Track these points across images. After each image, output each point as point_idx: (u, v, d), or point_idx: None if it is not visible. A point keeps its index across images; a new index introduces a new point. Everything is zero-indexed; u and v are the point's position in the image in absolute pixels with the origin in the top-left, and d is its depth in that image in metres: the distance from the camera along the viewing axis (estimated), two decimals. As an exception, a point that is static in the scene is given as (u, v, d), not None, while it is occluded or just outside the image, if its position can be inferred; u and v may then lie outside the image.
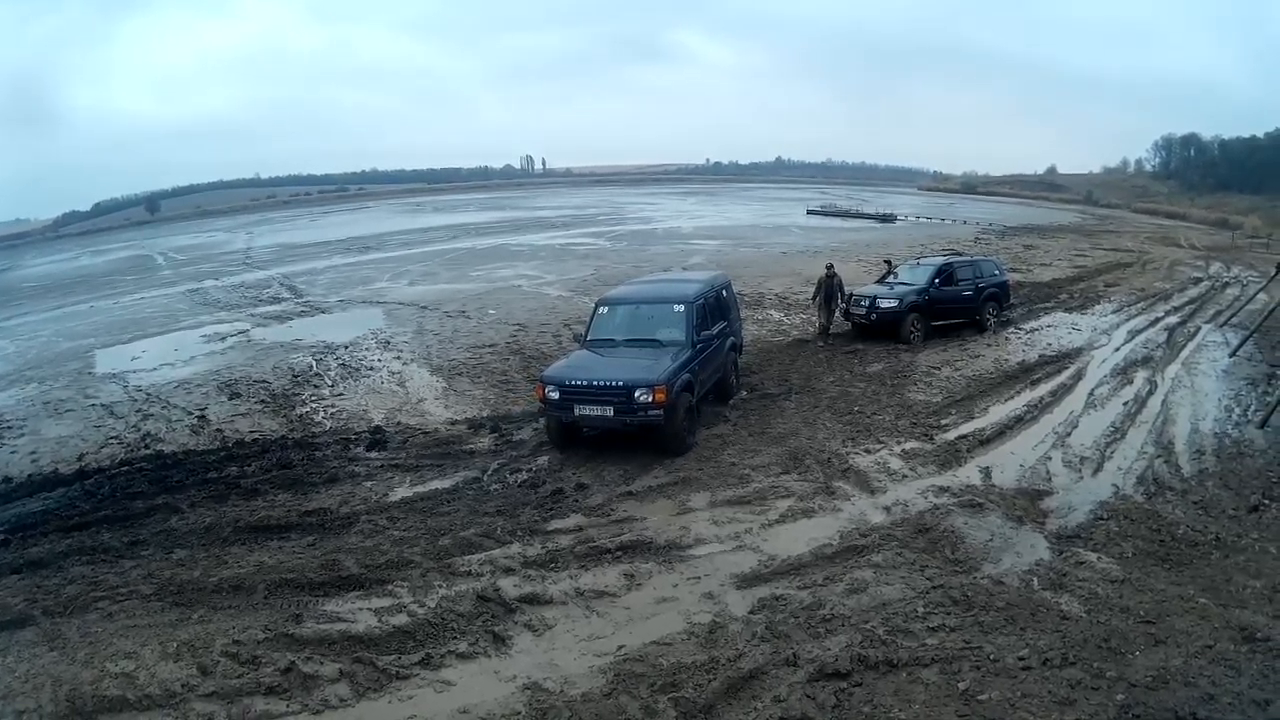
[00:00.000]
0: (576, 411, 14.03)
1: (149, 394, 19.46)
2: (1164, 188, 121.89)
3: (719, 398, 17.23)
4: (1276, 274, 25.68)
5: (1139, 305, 29.07)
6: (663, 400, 13.58)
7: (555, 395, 14.10)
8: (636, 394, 13.60)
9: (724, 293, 18.27)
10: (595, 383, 13.94)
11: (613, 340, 15.90)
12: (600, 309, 16.83)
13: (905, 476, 13.15)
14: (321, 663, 8.20)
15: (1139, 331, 24.18)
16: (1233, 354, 21.07)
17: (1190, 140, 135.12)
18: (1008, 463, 13.65)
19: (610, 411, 13.82)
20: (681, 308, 15.87)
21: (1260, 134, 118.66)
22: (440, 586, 9.75)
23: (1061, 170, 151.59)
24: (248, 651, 8.35)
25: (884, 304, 23.32)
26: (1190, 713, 6.90)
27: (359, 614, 9.18)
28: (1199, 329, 24.71)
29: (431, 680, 7.97)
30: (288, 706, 7.58)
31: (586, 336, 16.45)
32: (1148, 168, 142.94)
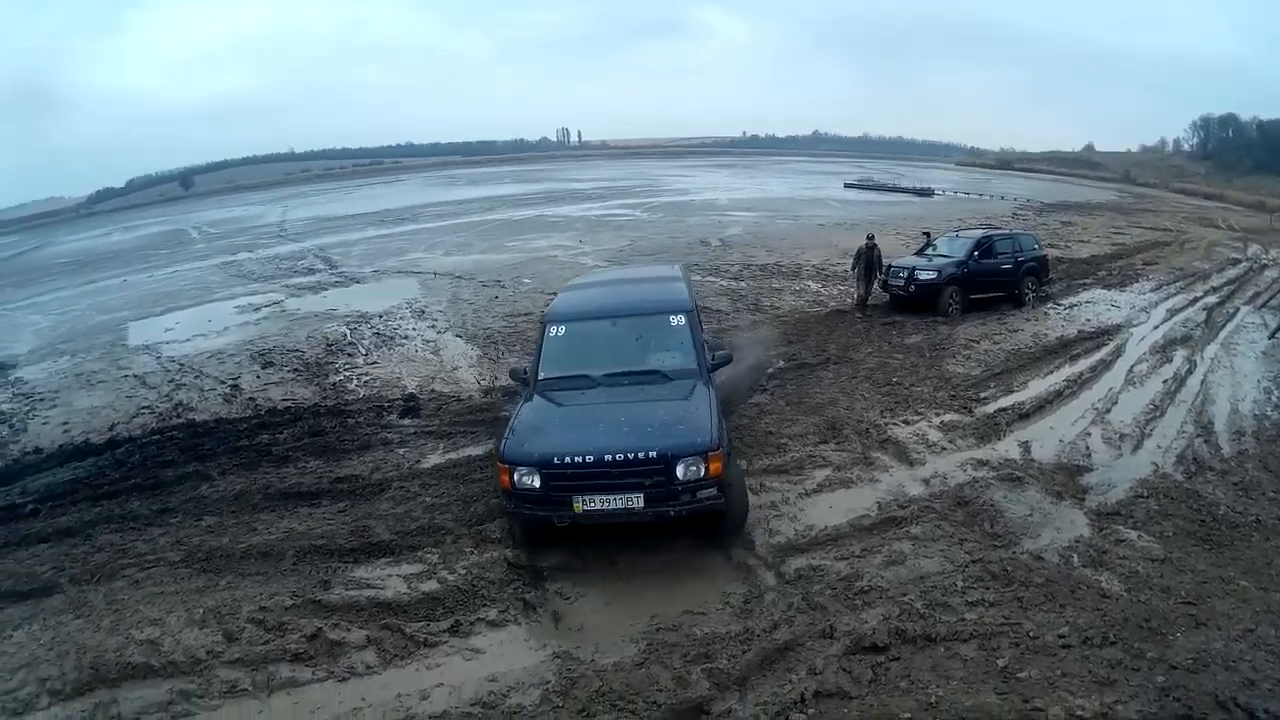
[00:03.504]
0: (579, 507, 8.86)
1: (181, 364, 19.52)
2: (1201, 168, 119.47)
3: None
4: (1314, 256, 25.11)
5: (1177, 284, 28.47)
6: (719, 472, 8.95)
7: (534, 483, 8.92)
8: (680, 468, 8.82)
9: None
10: (607, 457, 8.81)
11: (588, 377, 10.49)
12: (553, 329, 11.18)
13: (944, 449, 12.92)
14: (349, 629, 8.14)
15: (1178, 310, 23.68)
16: (1272, 336, 20.60)
17: (1228, 121, 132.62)
18: (1047, 438, 13.39)
19: (638, 501, 8.84)
20: (683, 320, 11.09)
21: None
22: (471, 553, 9.66)
23: (1099, 148, 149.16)
24: (274, 618, 8.29)
25: (922, 275, 23.01)
26: (1231, 697, 6.68)
27: (388, 580, 9.13)
28: (1238, 310, 24.19)
29: (460, 648, 7.89)
30: (313, 674, 7.53)
31: (539, 374, 10.79)
32: (1185, 147, 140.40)
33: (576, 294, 13.08)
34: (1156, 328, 21.48)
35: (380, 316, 23.33)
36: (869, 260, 23.70)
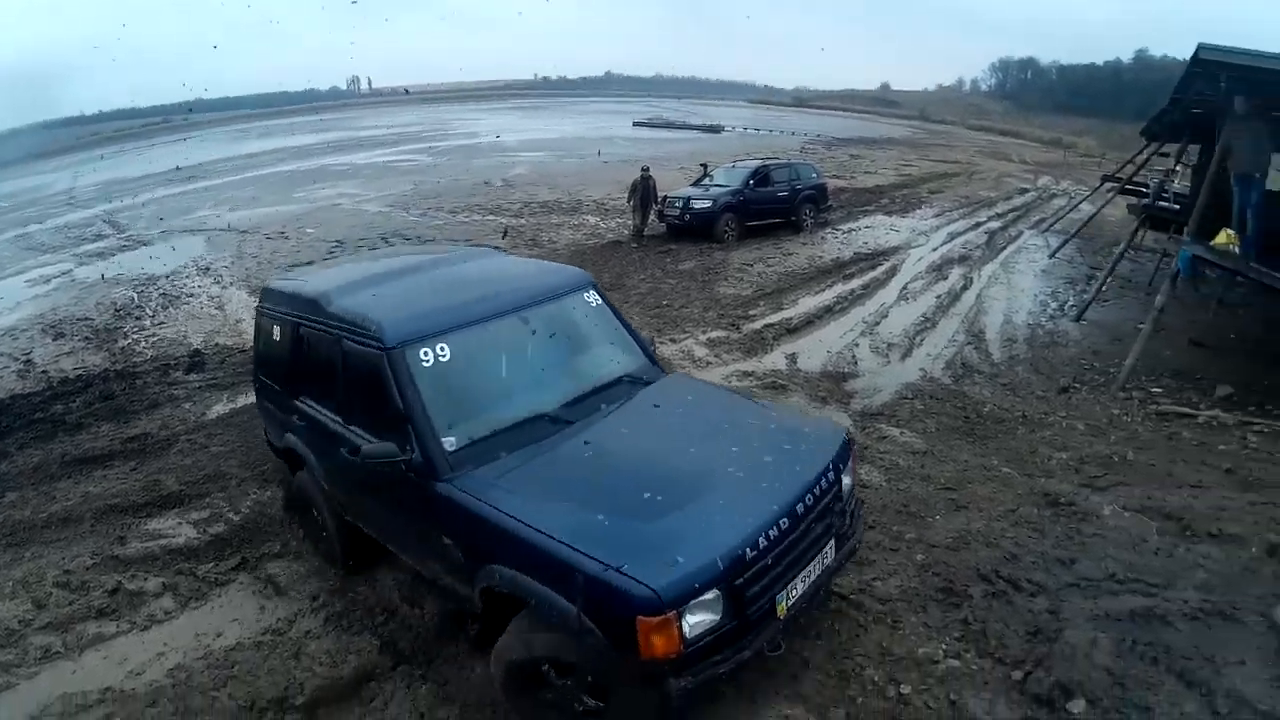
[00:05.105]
0: (784, 608, 5.57)
1: (-28, 347, 18.51)
2: (999, 107, 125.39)
3: None
4: (1100, 186, 26.74)
5: (961, 211, 30.00)
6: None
7: (716, 614, 5.13)
8: (846, 479, 6.44)
9: None
10: (799, 506, 5.75)
11: (545, 418, 6.56)
12: (422, 354, 6.43)
13: (709, 363, 13.31)
14: (146, 579, 8.27)
15: (959, 234, 25.02)
16: (1052, 255, 22.03)
17: (1028, 64, 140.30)
18: (814, 350, 14.00)
19: (830, 553, 6.08)
20: (597, 297, 7.79)
21: (1100, 62, 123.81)
22: (254, 493, 9.84)
23: (895, 87, 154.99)
24: (77, 579, 8.33)
25: (698, 204, 23.83)
26: (993, 570, 7.09)
27: (180, 528, 9.26)
28: (1021, 233, 25.70)
29: (249, 583, 8.15)
30: (118, 626, 7.60)
31: (434, 439, 6.13)
32: (983, 88, 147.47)
33: (391, 289, 7.55)
34: (935, 249, 22.65)
35: (167, 277, 22.70)
36: (644, 192, 24.42)
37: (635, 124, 78.86)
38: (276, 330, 8.26)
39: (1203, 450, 10.23)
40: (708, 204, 23.74)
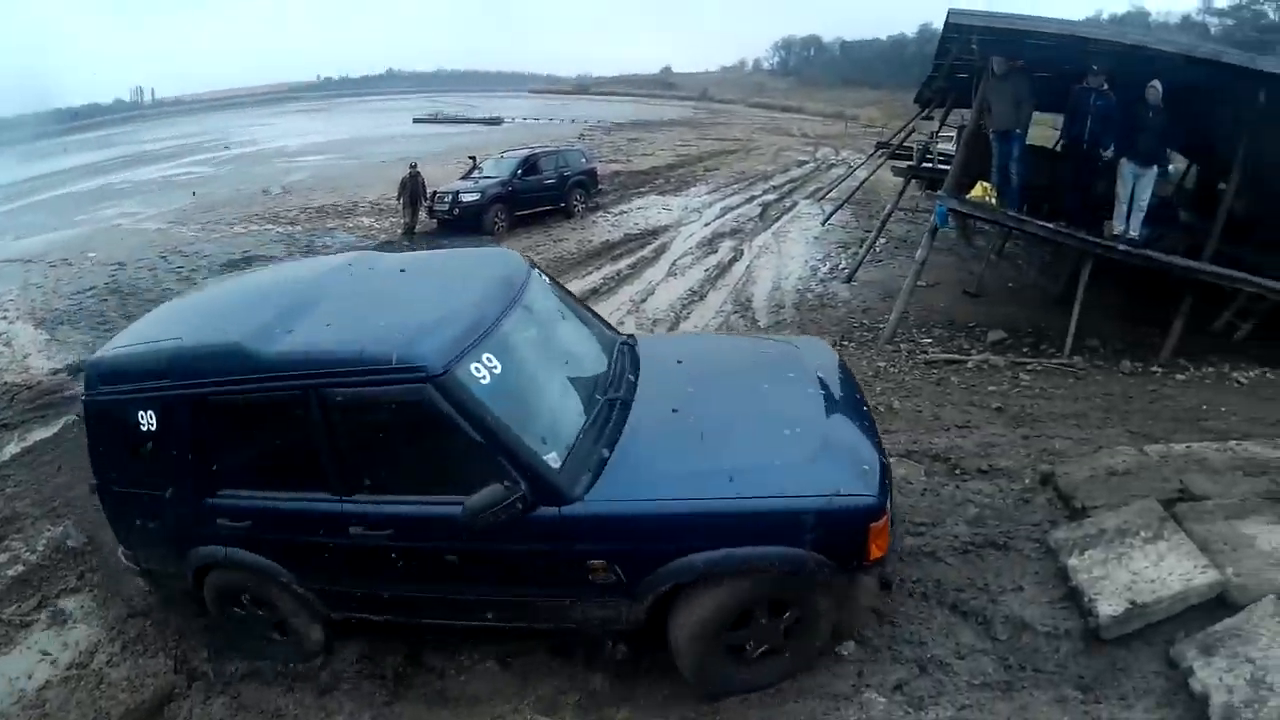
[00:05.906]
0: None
1: None
2: (783, 84, 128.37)
3: None
4: (873, 153, 27.49)
5: (735, 186, 30.72)
6: None
7: (889, 511, 5.54)
8: None
9: None
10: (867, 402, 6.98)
11: (598, 402, 6.03)
12: (476, 370, 5.39)
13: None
14: None
15: (732, 209, 25.64)
16: (825, 223, 22.64)
17: (811, 41, 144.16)
18: None
19: None
20: (544, 275, 7.20)
21: (884, 37, 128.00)
22: (49, 531, 9.56)
23: (677, 70, 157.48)
24: None
25: (466, 198, 24.05)
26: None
27: None
28: (795, 204, 26.44)
29: (50, 621, 8.03)
30: None
31: (532, 456, 5.24)
32: (766, 66, 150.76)
33: (335, 313, 6.13)
34: (707, 225, 23.14)
35: (-47, 320, 21.38)
36: (414, 189, 24.60)
37: (415, 120, 78.69)
38: (148, 417, 6.24)
39: (971, 392, 10.65)
40: (476, 196, 23.97)
